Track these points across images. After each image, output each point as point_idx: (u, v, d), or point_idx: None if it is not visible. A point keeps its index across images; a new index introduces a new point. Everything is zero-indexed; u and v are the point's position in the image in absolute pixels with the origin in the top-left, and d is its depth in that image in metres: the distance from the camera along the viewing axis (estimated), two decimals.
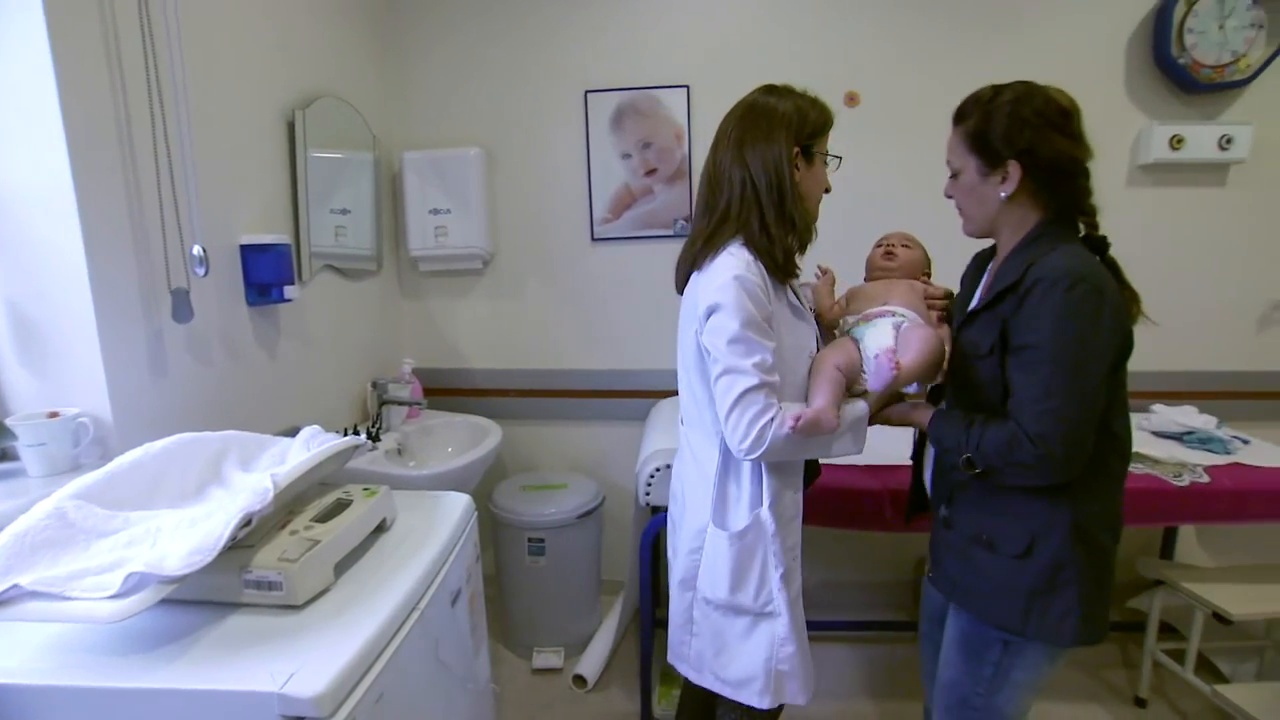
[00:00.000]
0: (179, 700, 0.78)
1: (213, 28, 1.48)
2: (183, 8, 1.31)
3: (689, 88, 2.22)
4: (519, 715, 1.98)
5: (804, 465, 1.24)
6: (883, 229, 1.41)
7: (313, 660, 0.81)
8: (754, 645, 1.20)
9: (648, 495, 1.75)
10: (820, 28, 2.17)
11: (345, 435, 1.25)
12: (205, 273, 1.35)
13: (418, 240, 2.29)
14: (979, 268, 1.22)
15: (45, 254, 1.17)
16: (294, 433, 1.22)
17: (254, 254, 1.57)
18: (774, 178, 1.12)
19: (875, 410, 1.18)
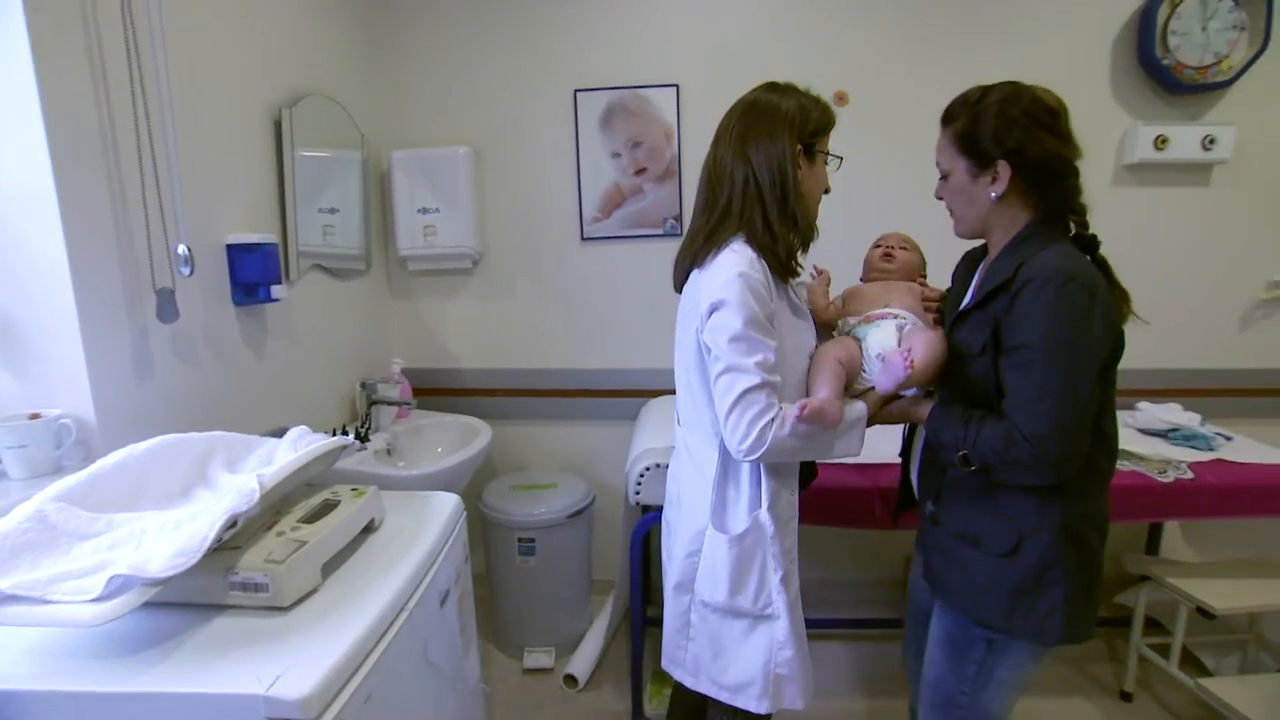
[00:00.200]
0: (163, 704, 0.77)
1: (197, 25, 1.47)
2: (166, 5, 1.30)
3: (678, 87, 2.22)
4: (510, 715, 1.97)
5: (800, 466, 1.23)
6: (871, 228, 1.42)
7: (299, 662, 0.80)
8: (752, 648, 1.19)
9: (638, 494, 1.75)
10: (809, 27, 2.17)
11: (334, 435, 1.24)
12: (191, 272, 1.34)
13: (406, 239, 2.28)
14: (970, 267, 1.23)
15: (27, 254, 1.16)
16: (281, 433, 1.21)
17: (240, 253, 1.56)
18: (777, 175, 1.11)
19: (876, 411, 1.17)
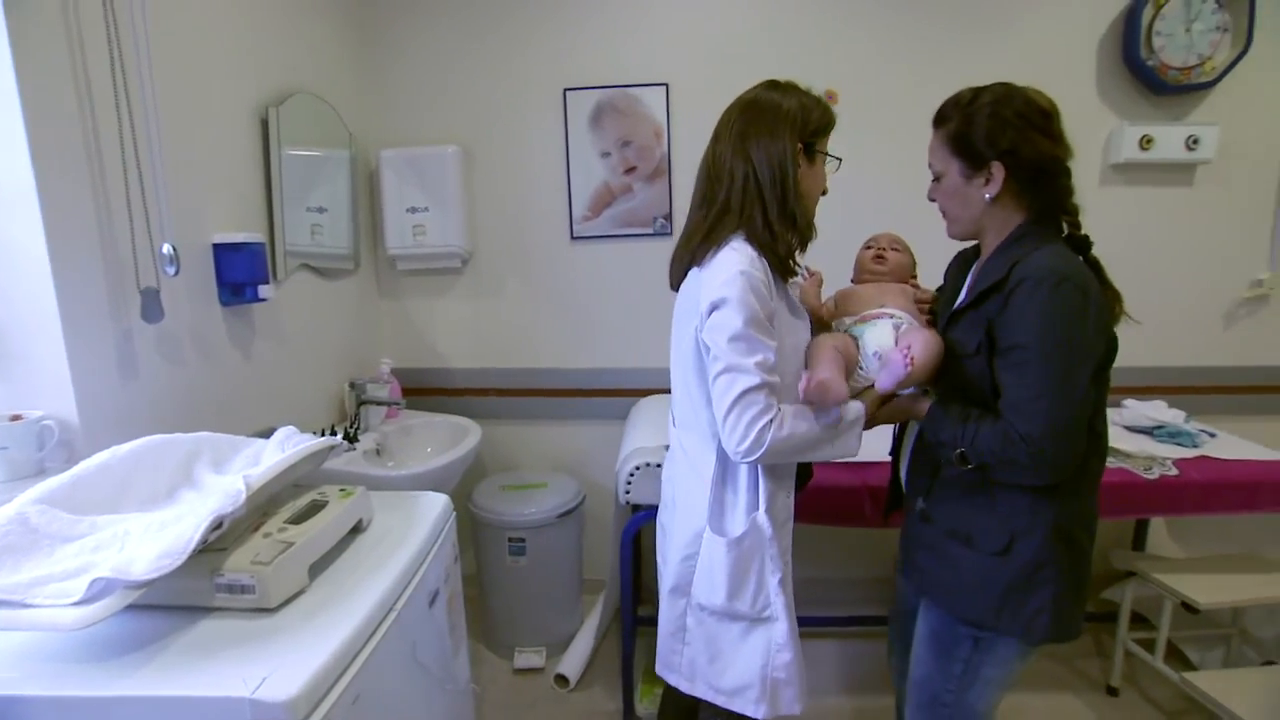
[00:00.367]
0: (147, 708, 0.76)
1: (182, 21, 1.45)
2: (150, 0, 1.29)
3: (668, 86, 2.22)
4: (501, 716, 1.97)
5: (797, 467, 1.22)
6: (860, 228, 1.42)
7: (286, 664, 0.80)
8: (749, 652, 1.18)
9: (628, 494, 1.75)
10: (797, 26, 2.18)
11: (322, 436, 1.24)
12: (176, 272, 1.33)
13: (395, 239, 2.27)
14: (962, 267, 1.23)
15: (7, 253, 1.14)
16: (269, 434, 1.20)
17: (227, 253, 1.54)
18: (778, 173, 1.10)
19: (874, 410, 1.16)
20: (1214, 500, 1.69)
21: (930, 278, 1.35)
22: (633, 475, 1.74)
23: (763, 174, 1.11)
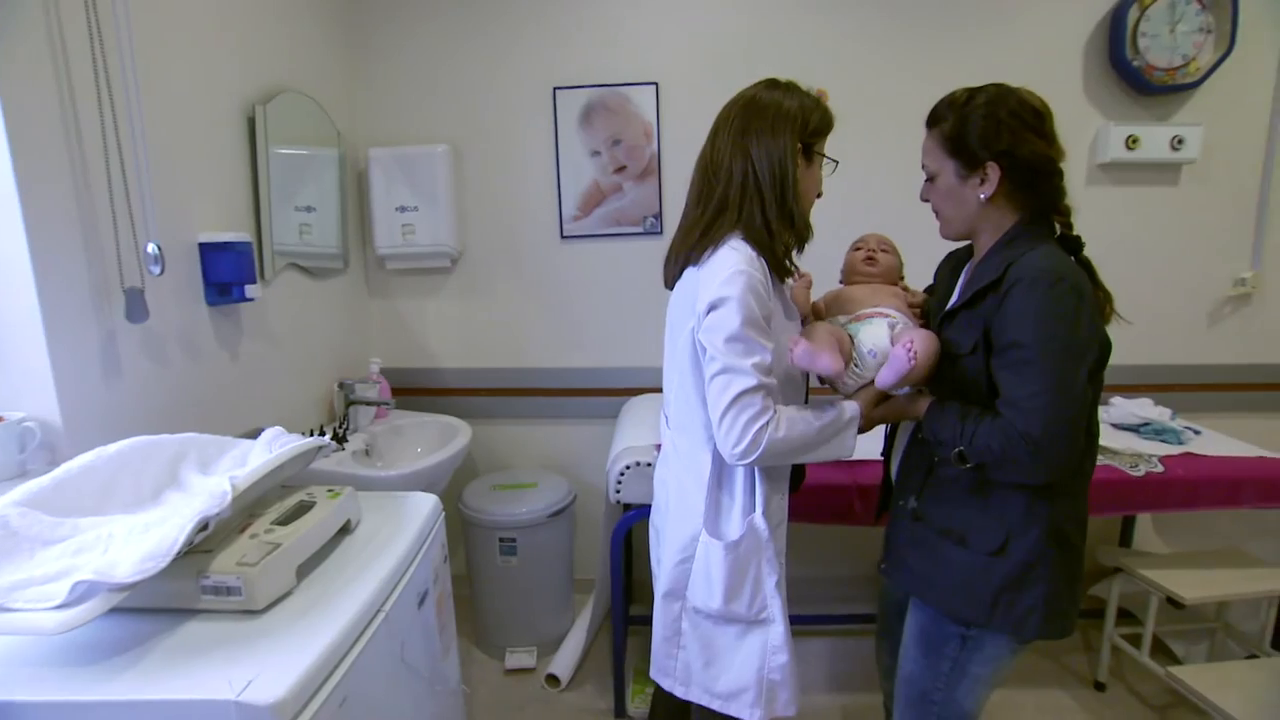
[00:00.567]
0: (131, 712, 0.75)
1: (166, 17, 1.43)
2: None
3: (658, 85, 2.22)
4: (492, 716, 1.96)
5: (791, 468, 1.21)
6: (848, 229, 1.42)
7: (272, 665, 0.79)
8: (746, 655, 1.17)
9: (618, 493, 1.75)
10: (787, 26, 2.18)
11: (310, 436, 1.23)
12: (161, 271, 1.31)
13: (384, 238, 2.26)
14: (954, 268, 1.22)
15: None
16: (257, 435, 1.19)
17: (213, 252, 1.53)
18: (777, 171, 1.10)
19: (871, 410, 1.14)
20: (1199, 496, 1.71)
21: (917, 279, 1.35)
22: (623, 474, 1.73)
23: (762, 172, 1.10)
